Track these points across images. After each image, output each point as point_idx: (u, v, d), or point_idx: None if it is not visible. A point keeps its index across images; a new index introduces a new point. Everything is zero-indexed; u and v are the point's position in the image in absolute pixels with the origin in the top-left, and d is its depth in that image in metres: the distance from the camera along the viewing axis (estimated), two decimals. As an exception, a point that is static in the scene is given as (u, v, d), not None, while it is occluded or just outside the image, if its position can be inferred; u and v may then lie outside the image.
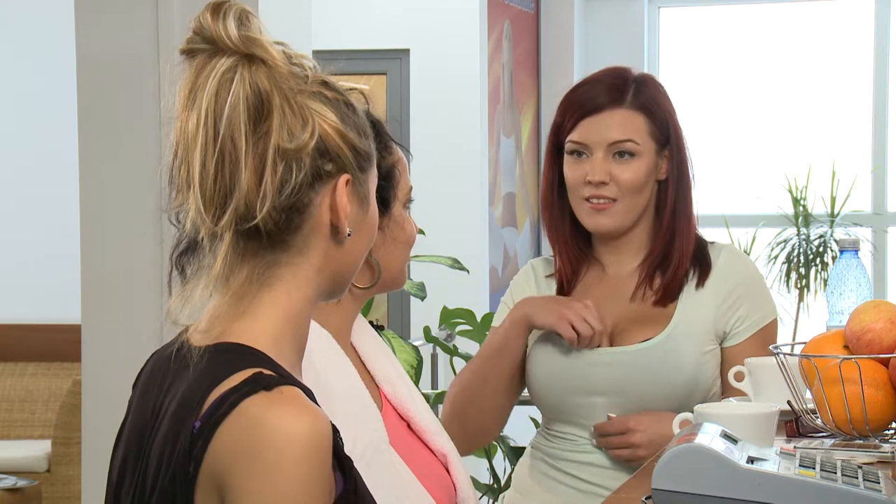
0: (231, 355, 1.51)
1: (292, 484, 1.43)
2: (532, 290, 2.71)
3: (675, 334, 2.58)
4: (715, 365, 2.60)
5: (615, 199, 2.59)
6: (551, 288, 2.69)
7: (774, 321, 2.66)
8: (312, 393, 1.51)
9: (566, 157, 2.63)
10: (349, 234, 1.56)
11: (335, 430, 1.49)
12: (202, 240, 1.52)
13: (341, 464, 1.50)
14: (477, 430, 2.67)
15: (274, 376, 1.49)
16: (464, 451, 2.71)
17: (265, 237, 1.51)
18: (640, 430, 2.53)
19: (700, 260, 2.64)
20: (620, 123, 2.59)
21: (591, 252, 2.68)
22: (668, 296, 2.61)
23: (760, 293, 2.65)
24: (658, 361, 2.55)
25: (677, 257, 2.62)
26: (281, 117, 1.50)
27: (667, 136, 2.63)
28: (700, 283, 2.62)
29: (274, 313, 1.54)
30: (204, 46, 1.53)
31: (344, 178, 1.54)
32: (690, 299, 2.61)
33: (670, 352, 2.56)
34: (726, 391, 2.57)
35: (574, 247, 2.67)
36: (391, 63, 6.37)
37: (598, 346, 2.56)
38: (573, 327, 2.53)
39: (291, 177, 1.50)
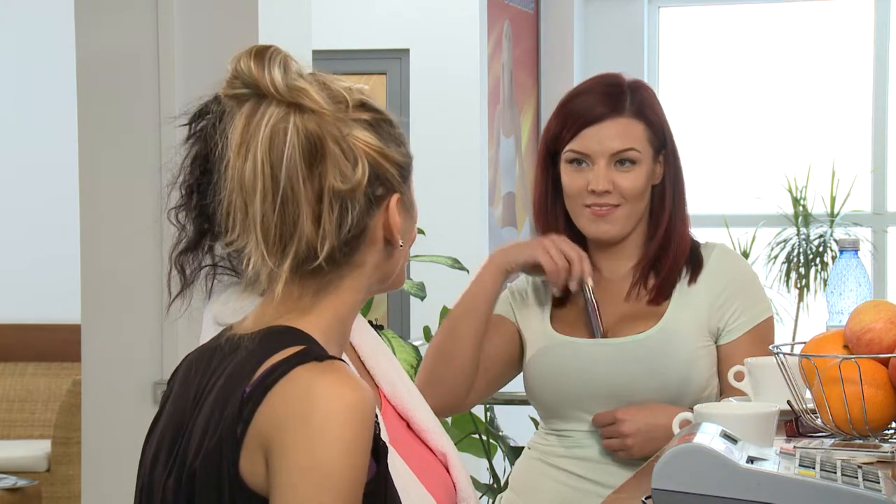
0: (283, 336, 1.58)
1: (337, 445, 1.49)
2: (530, 293, 2.72)
3: (667, 329, 2.59)
4: (710, 363, 2.61)
5: (618, 204, 2.60)
6: (548, 294, 2.70)
7: (770, 319, 2.66)
8: None
9: (565, 166, 2.64)
10: (401, 245, 1.67)
11: (376, 413, 1.56)
12: (260, 275, 1.60)
13: (376, 449, 1.57)
14: (447, 392, 2.66)
15: (322, 352, 1.57)
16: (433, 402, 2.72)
17: (325, 265, 1.60)
18: (627, 419, 2.54)
19: (692, 259, 2.66)
20: (621, 133, 2.61)
21: (588, 256, 2.70)
22: (662, 294, 2.63)
23: (753, 291, 2.66)
24: (651, 354, 2.57)
25: (672, 258, 2.64)
26: (333, 161, 1.57)
27: (662, 141, 2.65)
28: (692, 280, 2.64)
29: (325, 314, 1.63)
30: (246, 92, 1.59)
31: (395, 198, 1.63)
32: (683, 297, 2.63)
33: (663, 344, 2.58)
34: (726, 391, 2.58)
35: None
36: (391, 63, 6.37)
37: (582, 284, 2.57)
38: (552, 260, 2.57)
39: (348, 214, 1.59)
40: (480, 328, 2.64)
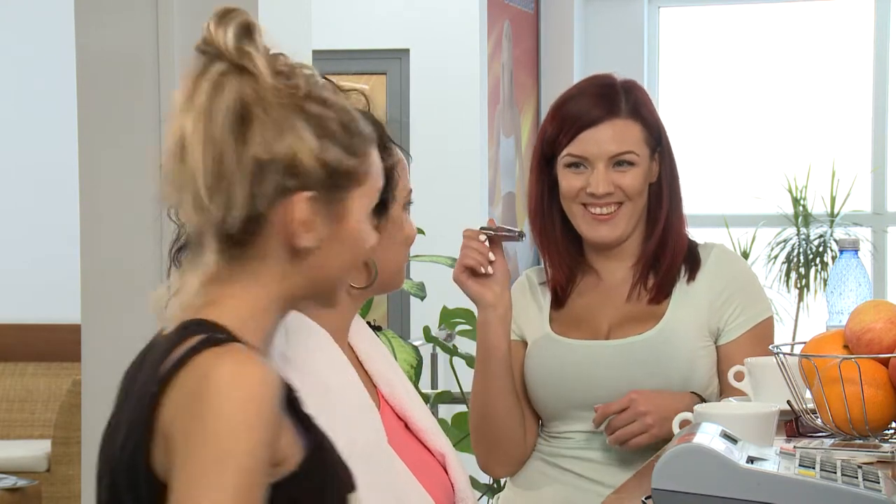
0: (192, 326, 1.57)
1: (234, 426, 1.46)
2: (527, 299, 2.71)
3: (667, 329, 2.59)
4: (710, 363, 2.61)
5: (620, 203, 2.60)
6: (545, 296, 2.70)
7: (770, 319, 2.66)
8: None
9: (563, 170, 2.63)
10: (313, 248, 1.59)
11: (291, 389, 1.54)
12: (192, 236, 1.60)
13: (302, 421, 1.55)
14: (508, 450, 2.66)
15: (225, 336, 1.54)
16: (503, 472, 2.70)
17: (234, 241, 1.58)
18: (641, 398, 2.52)
19: (690, 258, 2.66)
20: (618, 136, 2.60)
21: (584, 259, 2.69)
22: (662, 293, 2.63)
23: (753, 290, 2.67)
24: (653, 354, 2.57)
25: (670, 256, 2.64)
26: (261, 128, 1.56)
27: (658, 140, 2.65)
28: (691, 278, 2.64)
29: (238, 305, 1.59)
30: (208, 49, 1.60)
31: (303, 195, 1.57)
32: (683, 296, 2.63)
33: (664, 344, 2.57)
34: (726, 391, 2.57)
35: (567, 255, 2.68)
36: (391, 63, 6.37)
37: (487, 232, 2.52)
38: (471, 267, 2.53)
39: (260, 188, 1.56)
40: (506, 371, 2.61)
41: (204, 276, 1.59)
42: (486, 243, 2.53)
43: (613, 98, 2.62)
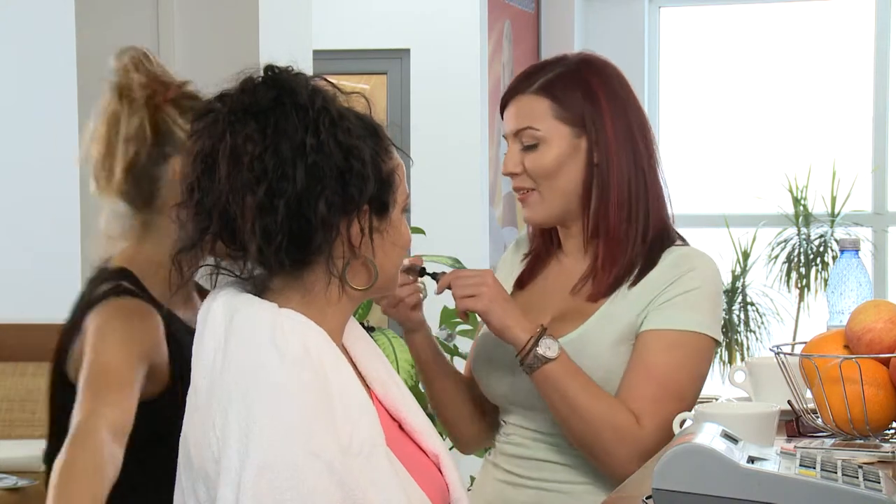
0: None
1: None
2: (508, 268, 2.68)
3: (587, 333, 2.45)
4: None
5: (532, 188, 2.52)
6: (514, 272, 2.66)
7: (698, 336, 2.42)
8: None
9: None
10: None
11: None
12: None
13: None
14: (461, 432, 2.68)
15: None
16: (466, 450, 2.72)
17: None
18: (495, 290, 2.44)
19: (647, 259, 2.48)
20: (521, 111, 2.50)
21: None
22: (600, 292, 2.49)
23: (695, 297, 2.43)
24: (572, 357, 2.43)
25: (604, 249, 2.48)
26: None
27: (583, 122, 2.48)
28: (634, 282, 2.47)
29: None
30: None
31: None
32: (619, 299, 2.47)
33: (578, 353, 2.43)
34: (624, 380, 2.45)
35: (540, 237, 2.63)
36: (391, 63, 6.37)
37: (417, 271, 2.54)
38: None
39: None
40: (439, 377, 2.63)
41: None
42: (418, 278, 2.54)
43: (539, 72, 2.51)
